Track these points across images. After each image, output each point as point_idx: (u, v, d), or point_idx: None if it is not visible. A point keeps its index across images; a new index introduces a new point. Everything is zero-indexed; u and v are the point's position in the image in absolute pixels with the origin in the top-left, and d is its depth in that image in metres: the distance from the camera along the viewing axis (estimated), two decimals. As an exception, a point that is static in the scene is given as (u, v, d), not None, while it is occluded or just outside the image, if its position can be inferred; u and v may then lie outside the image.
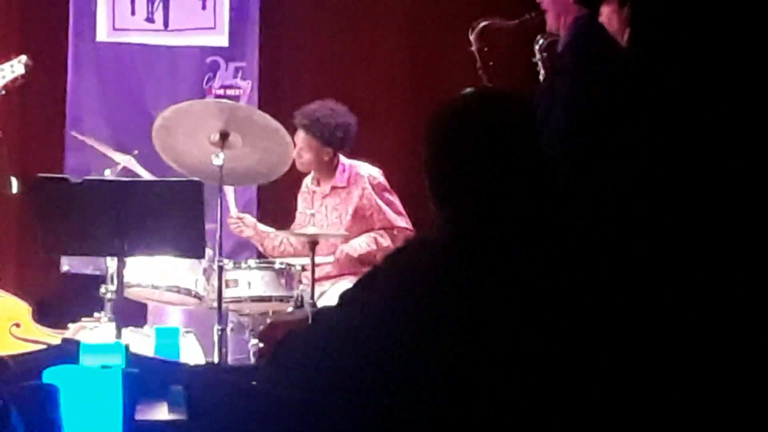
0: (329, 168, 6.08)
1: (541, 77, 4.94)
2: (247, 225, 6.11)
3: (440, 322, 2.39)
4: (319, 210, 6.10)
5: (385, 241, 6.01)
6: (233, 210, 6.07)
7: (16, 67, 5.86)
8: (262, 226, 6.19)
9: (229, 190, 5.89)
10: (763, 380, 3.20)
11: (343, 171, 6.10)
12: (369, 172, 6.11)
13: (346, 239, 5.99)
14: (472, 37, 5.24)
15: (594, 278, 2.54)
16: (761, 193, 3.49)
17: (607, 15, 4.59)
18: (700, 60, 3.66)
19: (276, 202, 6.53)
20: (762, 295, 3.35)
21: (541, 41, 4.95)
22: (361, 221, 6.06)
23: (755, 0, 3.63)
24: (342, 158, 6.10)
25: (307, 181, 6.22)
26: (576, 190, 3.77)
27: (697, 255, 3.45)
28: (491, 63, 5.19)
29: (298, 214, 6.24)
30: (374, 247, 6.00)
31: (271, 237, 6.17)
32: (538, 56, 4.96)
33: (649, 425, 2.57)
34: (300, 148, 5.98)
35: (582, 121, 4.48)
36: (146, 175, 5.59)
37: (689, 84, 3.66)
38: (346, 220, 6.05)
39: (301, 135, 5.98)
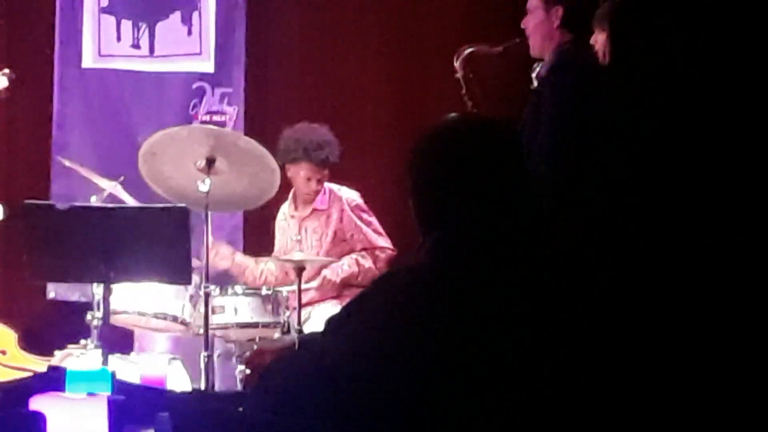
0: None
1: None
2: (222, 256, 6.05)
3: (430, 348, 2.38)
4: (299, 233, 6.08)
5: (367, 263, 6.01)
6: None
7: None
8: (240, 257, 6.16)
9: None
10: (763, 381, 3.21)
11: (324, 193, 6.10)
12: (347, 194, 6.11)
13: (330, 263, 5.98)
14: (457, 64, 5.25)
15: (589, 294, 2.54)
16: (761, 199, 3.49)
17: (602, 42, 4.59)
18: (684, 77, 3.67)
19: (262, 229, 6.51)
20: (762, 298, 3.36)
21: (537, 68, 4.93)
22: (342, 243, 6.06)
23: (736, 33, 3.65)
24: None
25: (284, 208, 6.20)
26: (560, 215, 3.78)
27: (695, 260, 3.45)
28: (476, 89, 5.20)
29: (277, 242, 6.22)
30: (356, 269, 5.99)
31: (251, 268, 6.14)
32: (535, 83, 4.94)
33: (650, 428, 2.57)
34: (308, 178, 5.98)
35: (566, 145, 4.49)
36: (131, 202, 5.57)
37: (673, 102, 3.67)
38: (326, 242, 6.05)
39: (304, 165, 5.96)
